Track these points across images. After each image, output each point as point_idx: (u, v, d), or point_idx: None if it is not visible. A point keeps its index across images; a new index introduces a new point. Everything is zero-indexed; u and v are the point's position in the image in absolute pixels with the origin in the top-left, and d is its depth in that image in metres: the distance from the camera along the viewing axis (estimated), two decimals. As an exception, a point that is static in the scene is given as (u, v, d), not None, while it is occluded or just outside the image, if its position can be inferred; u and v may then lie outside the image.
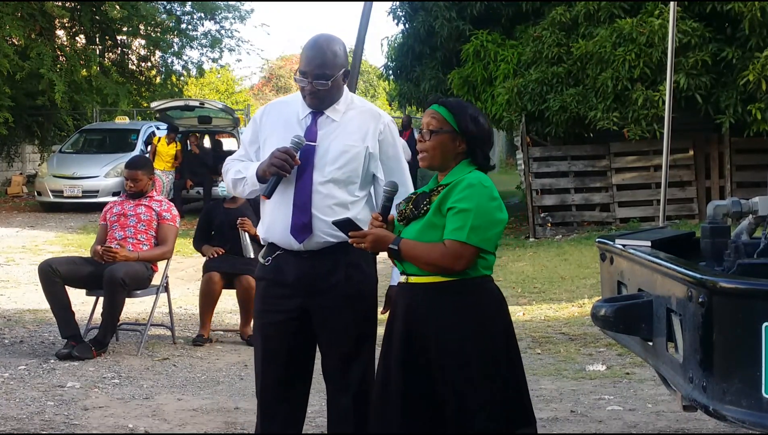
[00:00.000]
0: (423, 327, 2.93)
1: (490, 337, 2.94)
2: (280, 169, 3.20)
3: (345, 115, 3.36)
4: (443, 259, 2.89)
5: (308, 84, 3.26)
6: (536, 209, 13.16)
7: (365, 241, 2.97)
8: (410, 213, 3.02)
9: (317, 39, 3.33)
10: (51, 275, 6.04)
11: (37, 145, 22.75)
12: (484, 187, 2.92)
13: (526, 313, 7.69)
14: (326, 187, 3.28)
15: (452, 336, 2.90)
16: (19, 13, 18.87)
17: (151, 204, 6.45)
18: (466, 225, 2.87)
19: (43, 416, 4.80)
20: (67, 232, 14.09)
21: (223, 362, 6.14)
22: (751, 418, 2.43)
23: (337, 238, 3.26)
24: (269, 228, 3.36)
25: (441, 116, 3.01)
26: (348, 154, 3.31)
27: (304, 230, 3.27)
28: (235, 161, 3.46)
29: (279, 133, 3.32)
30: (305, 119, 3.35)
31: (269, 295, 3.38)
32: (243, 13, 25.76)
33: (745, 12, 10.97)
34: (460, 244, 2.87)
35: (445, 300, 2.93)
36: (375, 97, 40.09)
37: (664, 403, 4.93)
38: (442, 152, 3.01)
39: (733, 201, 3.55)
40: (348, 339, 3.33)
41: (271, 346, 3.37)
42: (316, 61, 3.25)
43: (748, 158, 12.55)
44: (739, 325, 2.47)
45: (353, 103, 3.41)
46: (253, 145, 3.43)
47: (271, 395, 3.40)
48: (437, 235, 2.92)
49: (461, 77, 13.44)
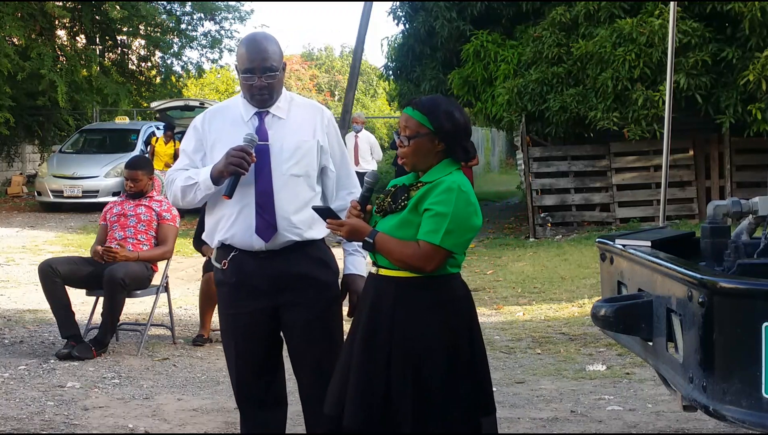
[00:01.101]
0: (387, 318, 2.99)
1: (453, 332, 2.99)
2: (238, 167, 3.19)
3: (290, 111, 3.38)
4: (414, 258, 2.94)
5: (257, 79, 3.26)
6: (536, 209, 13.16)
7: (342, 230, 3.02)
8: (388, 206, 3.06)
9: (254, 36, 3.37)
10: (51, 275, 6.04)
11: (37, 145, 22.76)
12: (461, 191, 2.95)
13: (526, 313, 7.69)
14: (287, 184, 3.29)
15: (415, 329, 2.96)
16: (20, 13, 18.87)
17: (151, 204, 6.45)
18: (440, 228, 2.91)
19: (43, 416, 4.80)
20: (67, 232, 14.10)
21: (223, 362, 6.11)
22: (751, 418, 2.43)
23: (299, 237, 3.30)
24: (229, 229, 3.32)
25: (415, 120, 3.03)
26: (302, 149, 3.33)
27: (270, 230, 3.27)
28: (180, 171, 3.41)
29: (227, 136, 3.31)
30: (251, 120, 3.35)
31: (234, 299, 3.37)
32: (243, 14, 25.78)
33: (745, 12, 10.97)
34: (432, 247, 2.92)
35: (411, 294, 2.99)
36: (375, 97, 40.05)
37: (664, 403, 4.93)
38: (422, 155, 3.04)
39: (733, 201, 3.55)
40: (318, 333, 3.34)
41: (243, 350, 3.38)
42: (260, 55, 3.27)
43: (748, 158, 12.55)
44: (739, 325, 2.47)
45: (293, 99, 3.43)
46: (197, 153, 3.40)
47: (251, 398, 3.44)
48: (411, 232, 2.96)
49: (461, 77, 13.44)
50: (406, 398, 2.94)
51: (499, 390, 4.94)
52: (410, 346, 2.95)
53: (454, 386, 2.97)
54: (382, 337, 2.99)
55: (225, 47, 25.69)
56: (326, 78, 42.04)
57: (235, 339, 3.39)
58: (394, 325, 2.97)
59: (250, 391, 3.44)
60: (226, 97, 37.46)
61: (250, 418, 3.48)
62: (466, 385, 2.99)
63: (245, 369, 3.41)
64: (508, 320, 7.39)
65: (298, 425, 3.54)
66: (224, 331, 3.50)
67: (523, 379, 5.59)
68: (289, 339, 3.40)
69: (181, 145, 3.56)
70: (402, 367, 2.95)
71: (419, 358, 2.95)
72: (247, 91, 3.32)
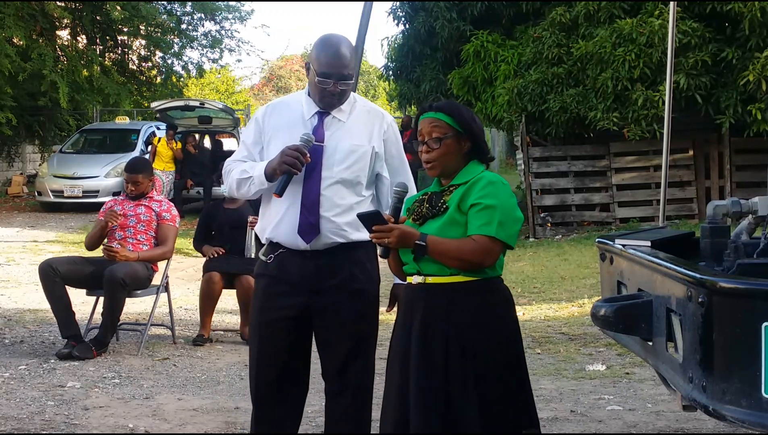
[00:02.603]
0: (443, 327, 2.91)
1: (505, 337, 2.96)
2: (291, 166, 3.17)
3: (350, 115, 3.36)
4: (474, 254, 2.88)
5: (333, 85, 3.24)
6: (536, 209, 13.16)
7: (391, 235, 2.90)
8: (427, 211, 2.99)
9: (334, 39, 3.30)
10: (51, 275, 6.04)
11: (37, 145, 22.77)
12: (503, 184, 2.96)
13: (526, 313, 7.69)
14: (334, 187, 3.27)
15: (473, 335, 2.90)
16: (20, 13, 18.88)
17: (151, 204, 6.45)
18: (493, 220, 2.88)
19: (44, 416, 4.80)
20: (67, 232, 14.10)
21: (223, 362, 6.15)
22: (751, 418, 2.43)
23: (344, 238, 3.27)
24: (275, 227, 3.33)
25: (443, 122, 2.99)
26: (355, 154, 3.31)
27: (312, 230, 3.26)
28: (237, 162, 3.41)
29: (284, 133, 3.30)
30: (311, 119, 3.33)
31: (270, 293, 3.36)
32: (243, 14, 25.81)
33: (745, 12, 10.97)
34: (490, 239, 2.88)
35: (464, 298, 2.92)
36: (375, 97, 40.08)
37: (664, 403, 4.93)
38: (453, 156, 3.00)
39: (733, 201, 3.55)
40: (349, 338, 3.32)
41: (268, 344, 3.35)
42: (340, 62, 3.24)
43: (748, 158, 12.55)
44: (738, 325, 2.47)
45: (356, 102, 3.41)
46: (256, 146, 3.40)
47: (267, 395, 3.39)
48: (459, 232, 2.91)
49: (461, 77, 13.45)
50: (471, 402, 2.87)
51: (499, 390, 4.93)
52: (469, 348, 2.89)
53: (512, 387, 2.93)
54: (439, 345, 2.91)
55: (225, 47, 25.73)
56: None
57: (261, 332, 3.36)
58: (450, 331, 2.90)
59: (268, 386, 3.38)
60: (227, 96, 37.52)
61: (262, 411, 3.42)
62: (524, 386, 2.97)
63: (266, 363, 3.37)
64: (508, 320, 7.38)
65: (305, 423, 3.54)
66: (252, 323, 3.47)
67: (524, 379, 5.59)
68: (319, 342, 3.38)
69: (242, 136, 3.57)
70: (462, 371, 2.88)
71: (479, 361, 2.88)
72: (318, 94, 3.29)
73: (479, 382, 2.88)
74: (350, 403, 3.34)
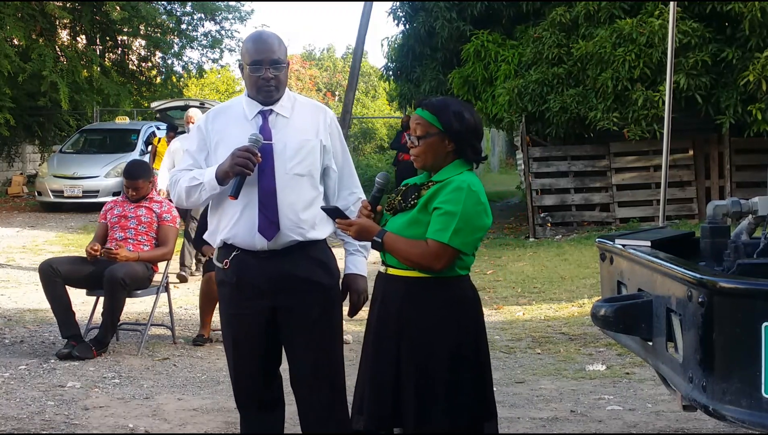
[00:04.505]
0: (395, 317, 3.02)
1: (458, 334, 3.01)
2: (244, 167, 3.19)
3: (293, 111, 3.38)
4: (423, 257, 2.96)
5: (264, 70, 3.26)
6: (536, 209, 13.16)
7: (351, 229, 3.05)
8: (398, 204, 3.09)
9: (260, 32, 3.40)
10: (51, 275, 6.04)
11: (37, 145, 22.77)
12: (471, 191, 2.97)
13: (526, 313, 7.69)
14: (290, 183, 3.29)
15: (421, 328, 2.99)
16: (20, 14, 18.87)
17: (152, 205, 6.45)
18: (449, 227, 2.93)
19: (44, 416, 4.80)
20: (67, 232, 14.10)
21: (223, 362, 6.14)
22: (751, 418, 2.43)
23: (301, 237, 3.30)
24: (232, 228, 3.32)
25: (425, 120, 3.05)
26: (305, 148, 3.33)
27: (272, 227, 3.26)
28: (183, 171, 3.39)
29: (231, 135, 3.31)
30: (255, 119, 3.34)
31: (234, 299, 3.37)
32: (243, 14, 25.80)
33: (745, 12, 10.97)
34: (441, 245, 2.94)
35: (419, 293, 3.01)
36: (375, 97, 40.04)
37: (664, 403, 4.93)
38: (433, 154, 3.06)
39: (733, 201, 3.56)
40: (317, 334, 3.34)
41: (243, 351, 3.39)
42: (268, 47, 3.28)
43: (748, 158, 12.55)
44: (738, 325, 2.47)
45: (296, 99, 3.43)
46: (201, 153, 3.39)
47: (251, 399, 3.45)
48: (420, 231, 2.98)
49: (462, 77, 13.45)
50: (410, 397, 2.95)
51: (499, 390, 4.94)
52: (417, 344, 2.97)
53: (459, 387, 2.98)
54: (390, 336, 3.01)
55: (225, 47, 25.73)
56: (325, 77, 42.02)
57: (235, 339, 3.39)
58: (401, 324, 3.00)
59: (250, 392, 3.44)
60: (227, 97, 37.47)
61: (249, 418, 3.49)
62: (470, 387, 3.01)
63: (245, 369, 3.42)
64: (508, 320, 7.39)
65: (294, 426, 3.55)
66: (225, 330, 3.51)
67: (523, 379, 5.60)
68: (287, 341, 3.39)
69: (185, 145, 3.56)
70: (408, 365, 2.97)
71: (425, 357, 2.97)
72: (254, 85, 3.31)
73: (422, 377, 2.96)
74: (326, 396, 3.37)
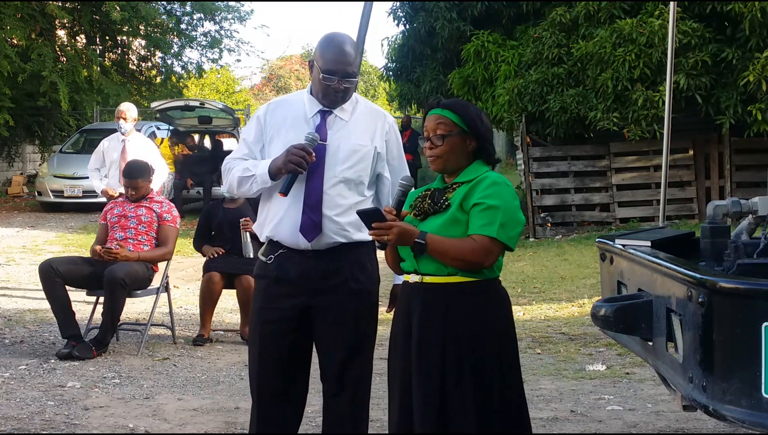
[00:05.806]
0: (440, 328, 2.90)
1: (503, 339, 2.96)
2: (297, 165, 3.17)
3: (353, 114, 3.36)
4: (474, 254, 2.86)
5: (337, 82, 3.24)
6: (536, 209, 13.16)
7: (390, 232, 2.87)
8: (429, 207, 2.98)
9: (339, 38, 3.31)
10: (51, 275, 6.04)
11: (37, 145, 22.75)
12: (507, 186, 2.95)
13: (526, 313, 7.69)
14: (337, 186, 3.27)
15: (470, 336, 2.89)
16: (20, 14, 18.86)
17: (152, 205, 6.45)
18: (495, 221, 2.86)
19: (44, 416, 4.80)
20: (67, 232, 14.10)
21: (223, 362, 6.15)
22: (751, 418, 2.43)
23: (345, 238, 3.27)
24: (276, 226, 3.31)
25: (448, 119, 2.99)
26: (358, 153, 3.30)
27: (314, 229, 3.25)
28: (238, 160, 3.38)
29: (287, 132, 3.30)
30: (314, 118, 3.33)
31: (271, 294, 3.35)
32: (243, 14, 25.78)
33: (745, 12, 10.97)
34: (490, 240, 2.86)
35: (462, 299, 2.91)
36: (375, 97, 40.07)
37: (664, 403, 4.93)
38: (456, 154, 2.99)
39: (733, 201, 3.56)
40: (349, 338, 3.31)
41: (269, 345, 3.34)
42: (345, 59, 3.24)
43: (748, 158, 12.56)
44: (738, 325, 2.47)
45: (359, 102, 3.41)
46: (257, 144, 3.38)
47: (268, 395, 3.37)
48: (460, 231, 2.89)
49: (462, 77, 13.45)
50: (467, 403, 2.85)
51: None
52: (465, 349, 2.87)
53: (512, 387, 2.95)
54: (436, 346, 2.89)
55: (225, 47, 25.69)
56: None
57: (262, 332, 3.35)
58: (446, 332, 2.89)
59: (269, 386, 3.36)
60: (227, 96, 37.49)
61: (264, 412, 3.40)
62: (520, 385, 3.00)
63: (267, 363, 3.35)
64: (508, 320, 7.39)
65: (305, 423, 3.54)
66: (253, 323, 3.45)
67: (523, 379, 5.58)
68: (318, 342, 3.37)
69: (242, 133, 3.55)
70: (459, 372, 2.86)
71: (475, 362, 2.87)
72: (322, 91, 3.29)
73: (476, 383, 2.87)
74: (348, 404, 3.34)
